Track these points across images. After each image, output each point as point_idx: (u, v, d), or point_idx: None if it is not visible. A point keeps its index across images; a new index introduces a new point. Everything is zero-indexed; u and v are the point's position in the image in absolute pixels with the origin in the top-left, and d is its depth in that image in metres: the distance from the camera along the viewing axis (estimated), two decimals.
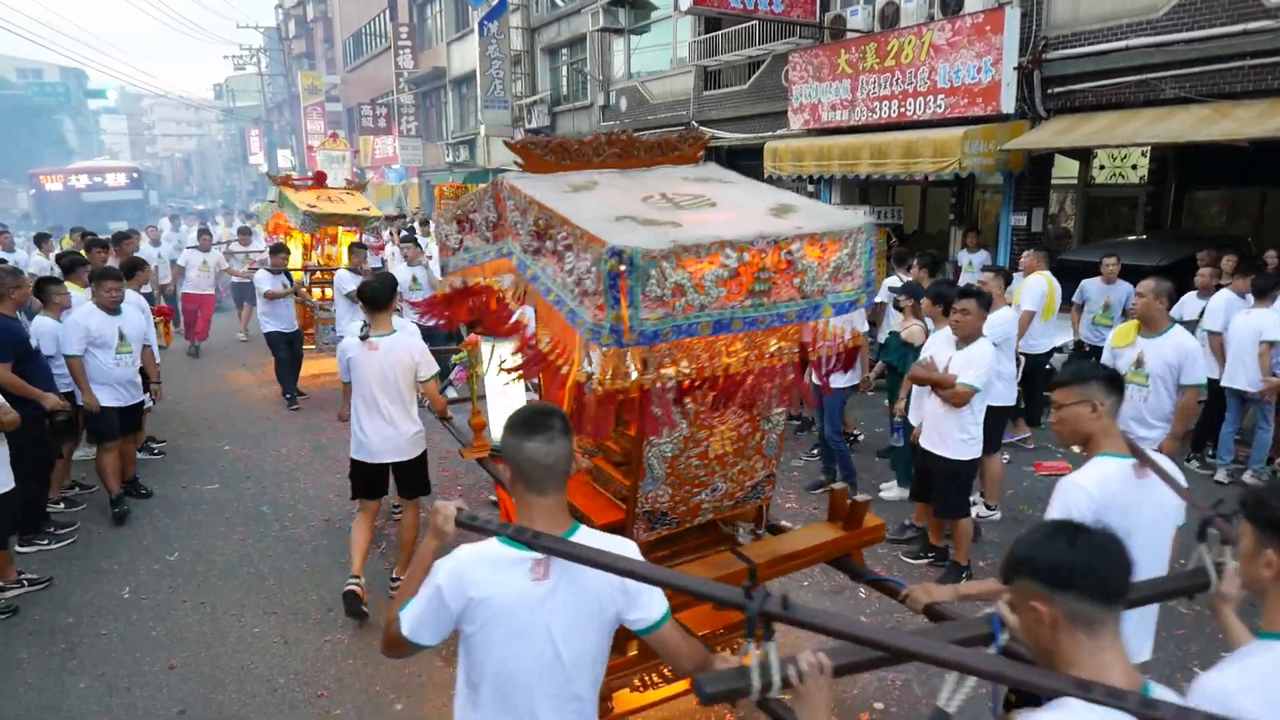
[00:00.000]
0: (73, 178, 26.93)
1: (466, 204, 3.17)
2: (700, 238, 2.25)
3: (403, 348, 4.65)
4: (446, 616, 1.90)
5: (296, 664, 4.26)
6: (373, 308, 4.66)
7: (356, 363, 4.63)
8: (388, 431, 4.68)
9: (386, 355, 4.61)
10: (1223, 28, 8.12)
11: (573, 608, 1.90)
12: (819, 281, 2.48)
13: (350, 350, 4.67)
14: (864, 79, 11.30)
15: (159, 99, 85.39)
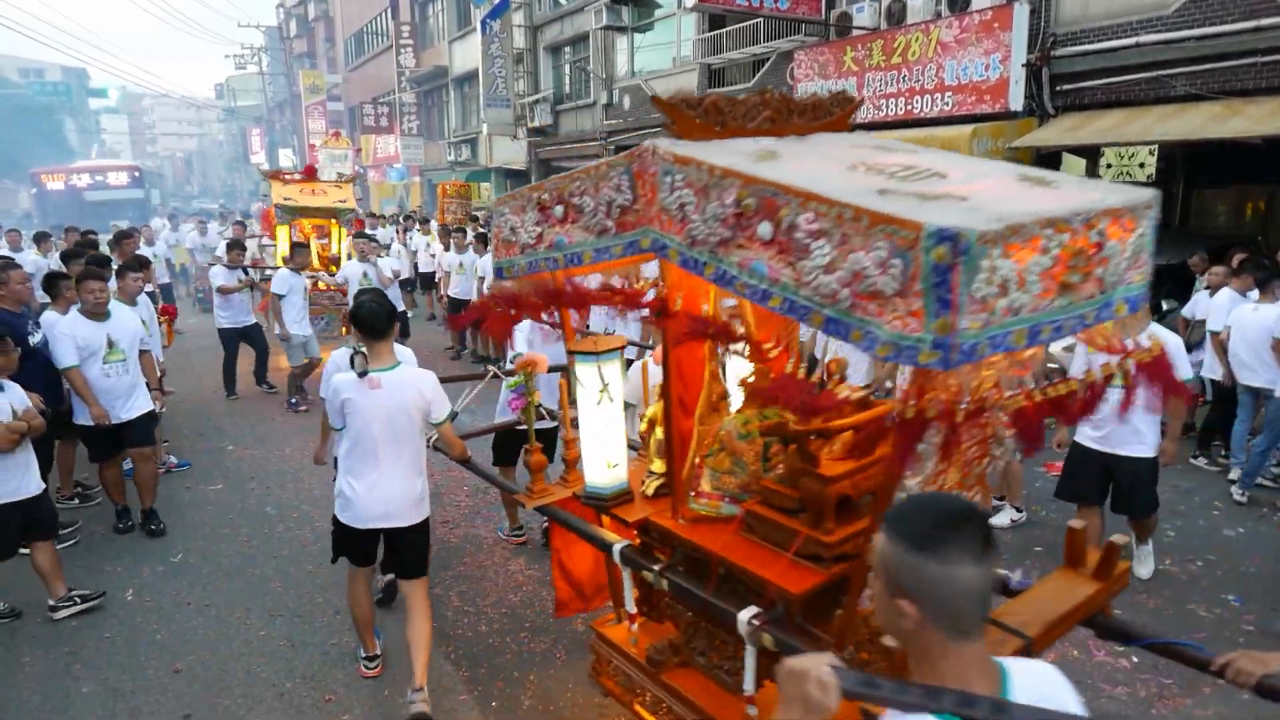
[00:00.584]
0: (74, 177, 26.86)
1: (560, 186, 2.56)
2: (1022, 215, 1.66)
3: (411, 385, 3.74)
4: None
5: (303, 667, 4.20)
6: (371, 335, 3.71)
7: (355, 406, 3.66)
8: (387, 490, 3.73)
9: (392, 395, 3.68)
10: (1234, 24, 8.06)
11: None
12: (1118, 270, 1.92)
13: (345, 390, 3.67)
14: (870, 77, 11.24)
15: (160, 98, 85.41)
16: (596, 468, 3.04)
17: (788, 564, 2.36)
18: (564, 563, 3.71)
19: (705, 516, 2.71)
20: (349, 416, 3.70)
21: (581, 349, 2.98)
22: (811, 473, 2.36)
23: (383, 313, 3.75)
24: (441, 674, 4.12)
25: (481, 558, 5.42)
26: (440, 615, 4.68)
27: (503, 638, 4.45)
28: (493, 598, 4.88)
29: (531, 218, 2.71)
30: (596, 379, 2.96)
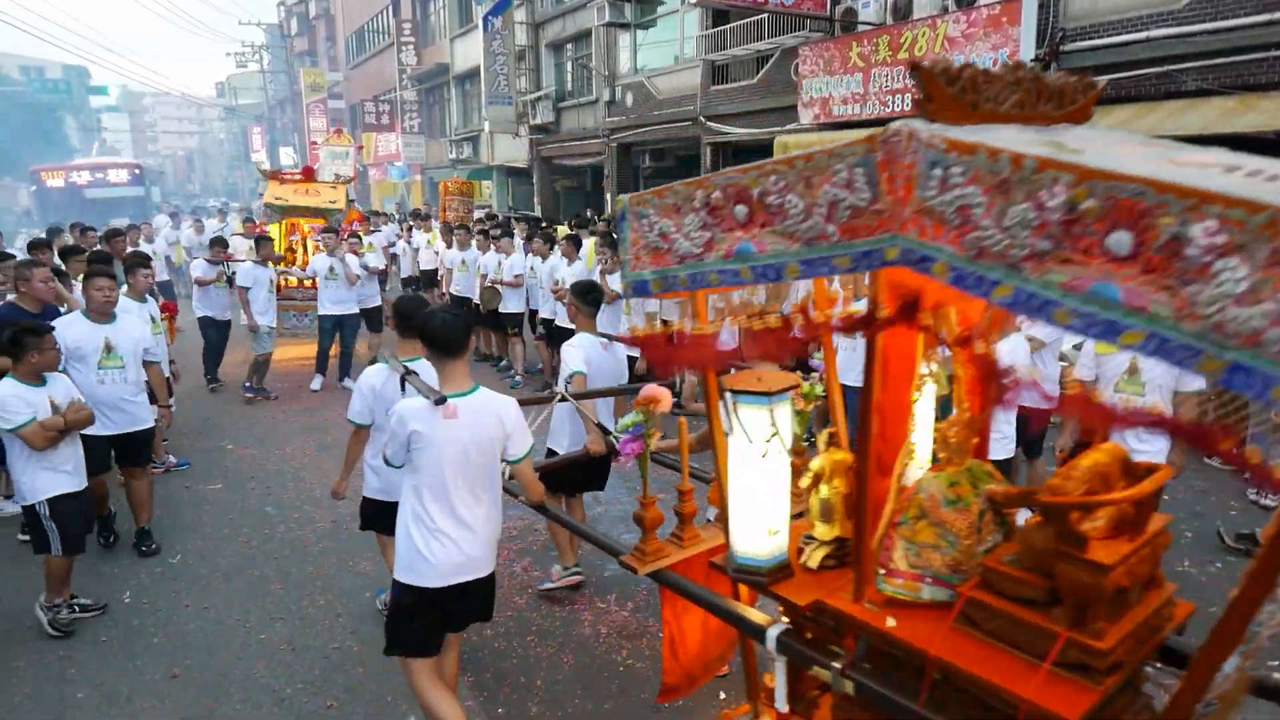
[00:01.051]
0: (74, 174, 26.78)
1: (740, 181, 2.00)
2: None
3: (491, 413, 3.15)
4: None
5: (304, 672, 4.10)
6: (444, 353, 3.14)
7: (427, 440, 3.02)
8: (467, 540, 3.13)
9: (471, 427, 3.08)
10: (1247, 18, 7.94)
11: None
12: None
13: (414, 420, 3.02)
14: (876, 73, 11.12)
15: (161, 96, 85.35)
16: (752, 534, 2.36)
17: (1044, 675, 1.80)
18: (675, 639, 3.03)
19: (900, 601, 2.11)
20: (417, 452, 3.05)
21: (745, 386, 2.26)
22: (1078, 558, 1.81)
23: (458, 327, 3.14)
24: None
25: None
26: None
27: (508, 642, 4.35)
28: (498, 600, 4.77)
29: (694, 221, 2.13)
30: (765, 425, 2.26)
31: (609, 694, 3.88)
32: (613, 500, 6.25)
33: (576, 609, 4.67)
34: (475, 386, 3.19)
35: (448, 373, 3.16)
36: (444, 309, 3.30)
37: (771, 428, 2.28)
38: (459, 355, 3.16)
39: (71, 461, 4.47)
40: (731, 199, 2.03)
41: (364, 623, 4.56)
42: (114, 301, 5.26)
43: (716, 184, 2.06)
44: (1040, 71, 1.93)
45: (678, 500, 2.98)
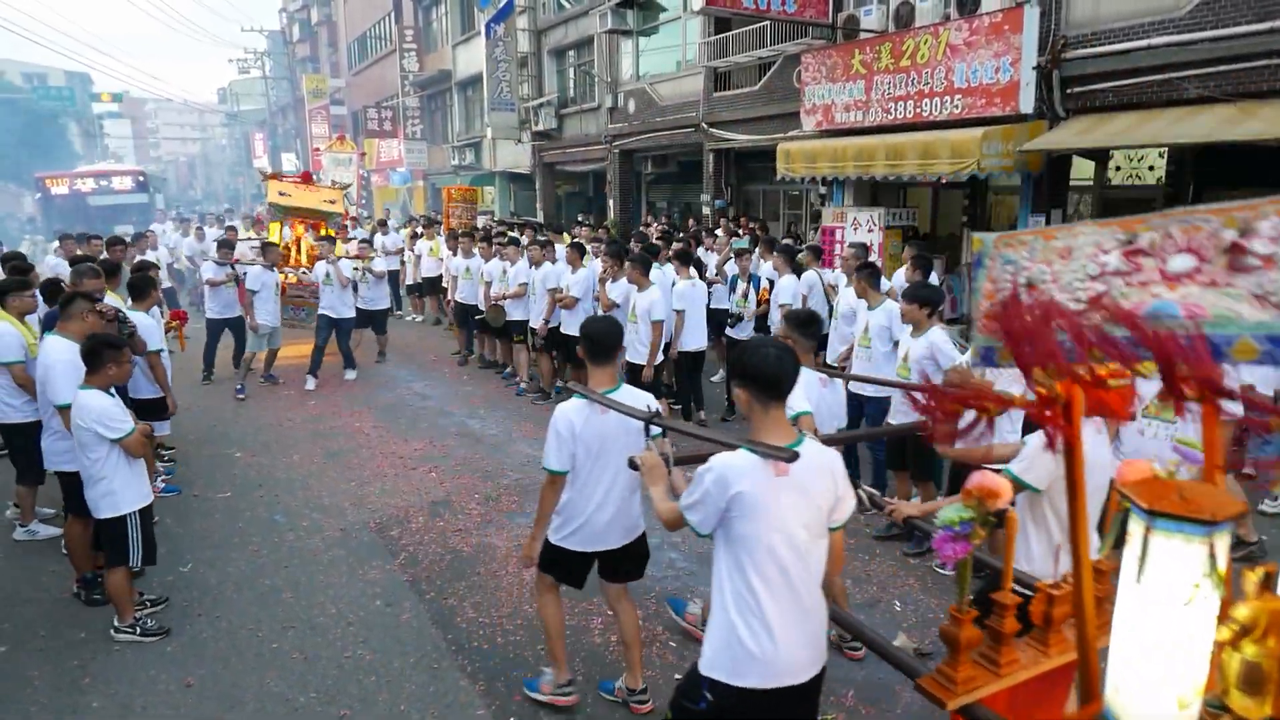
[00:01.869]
0: (79, 182, 26.83)
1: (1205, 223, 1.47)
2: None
3: (825, 469, 2.55)
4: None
5: (317, 681, 4.13)
6: (773, 395, 2.54)
7: (755, 505, 2.43)
8: (803, 629, 2.54)
9: (805, 487, 2.49)
10: (1248, 26, 7.97)
11: None
12: None
13: (739, 479, 2.43)
14: (879, 79, 11.17)
15: (163, 103, 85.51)
16: (1151, 703, 1.60)
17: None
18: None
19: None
20: (740, 520, 2.45)
21: (1168, 508, 1.47)
22: None
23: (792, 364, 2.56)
24: (458, 689, 4.05)
25: (495, 567, 5.35)
26: (455, 627, 4.62)
27: (520, 650, 4.38)
28: (508, 608, 4.82)
29: (1084, 268, 1.63)
30: (1195, 562, 1.49)
31: (619, 702, 3.91)
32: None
33: (587, 617, 4.70)
34: (803, 435, 2.58)
35: (773, 420, 2.53)
36: (772, 341, 2.67)
37: (1205, 565, 1.57)
38: (785, 399, 2.57)
39: (145, 472, 4.59)
40: (1179, 245, 1.50)
41: (375, 632, 4.59)
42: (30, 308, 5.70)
43: (1159, 225, 1.54)
44: None
45: (995, 612, 2.26)
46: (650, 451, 2.95)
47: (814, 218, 14.50)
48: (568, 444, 3.50)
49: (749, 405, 2.55)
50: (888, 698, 3.94)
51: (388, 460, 7.52)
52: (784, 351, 2.56)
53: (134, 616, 4.58)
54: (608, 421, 3.48)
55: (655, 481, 2.84)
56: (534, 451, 7.68)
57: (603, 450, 3.53)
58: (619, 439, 3.52)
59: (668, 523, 2.72)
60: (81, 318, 4.93)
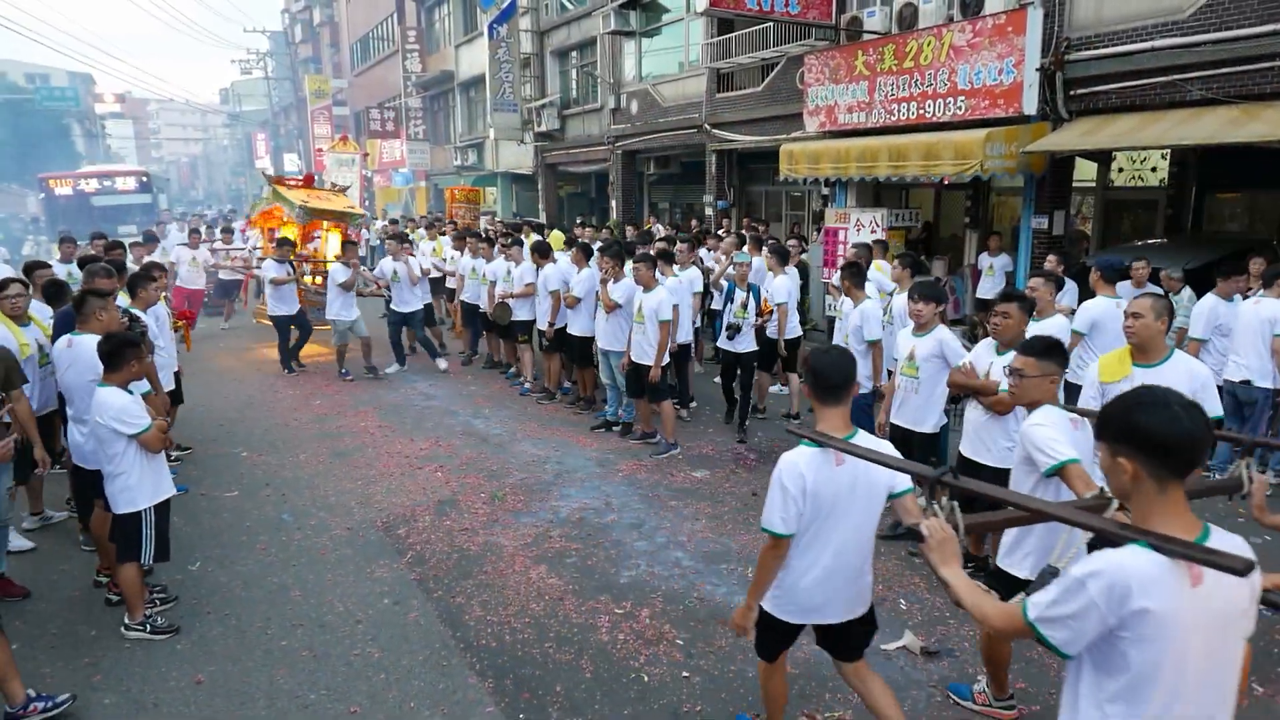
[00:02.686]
0: (82, 182, 26.87)
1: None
2: None
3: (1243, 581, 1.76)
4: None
5: (327, 678, 4.16)
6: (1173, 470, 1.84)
7: (1164, 626, 1.76)
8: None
9: (1225, 595, 1.81)
10: (1251, 28, 8.00)
11: None
12: None
13: (1146, 594, 1.75)
14: (882, 81, 11.20)
15: (165, 103, 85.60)
16: None
17: None
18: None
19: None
20: (1140, 645, 1.79)
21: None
22: None
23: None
24: (467, 686, 4.08)
25: (502, 566, 5.38)
26: (463, 625, 4.65)
27: (528, 649, 4.41)
28: (515, 607, 4.84)
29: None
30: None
31: (627, 700, 3.94)
32: (624, 508, 6.31)
33: (594, 616, 4.73)
34: (1208, 525, 1.87)
35: (1171, 503, 1.85)
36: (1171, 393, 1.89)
37: None
38: (1189, 472, 1.86)
39: (164, 467, 4.65)
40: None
41: (383, 630, 4.62)
42: (21, 308, 5.66)
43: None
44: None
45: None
46: (938, 519, 2.17)
47: (816, 219, 14.53)
48: (796, 502, 2.92)
49: (1136, 481, 1.86)
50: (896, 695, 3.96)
51: (394, 459, 7.55)
52: (1192, 407, 1.85)
53: (144, 614, 4.61)
54: (842, 475, 2.91)
55: (947, 561, 2.14)
56: (539, 451, 7.71)
57: (834, 510, 2.95)
58: (857, 498, 2.96)
59: (1000, 630, 2.07)
60: (96, 316, 4.96)
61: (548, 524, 6.04)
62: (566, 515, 6.18)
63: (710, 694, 3.96)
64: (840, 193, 13.01)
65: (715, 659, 4.27)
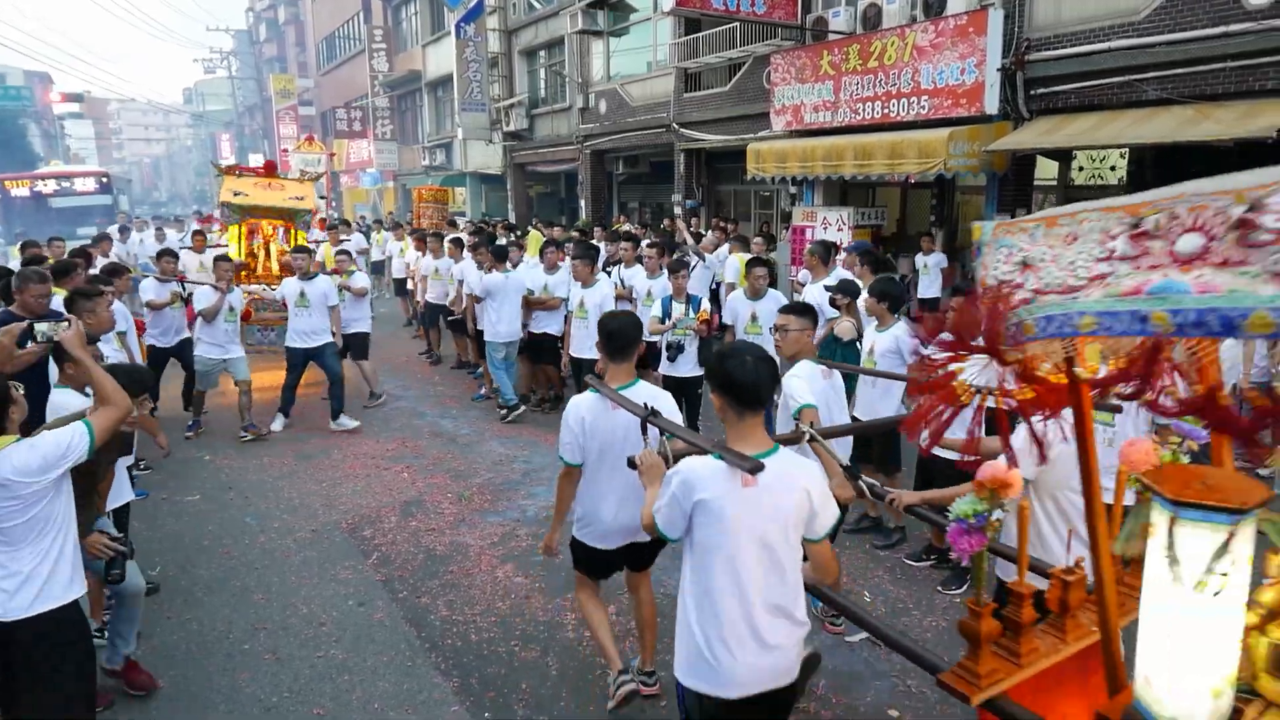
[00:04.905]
0: (40, 183, 26.32)
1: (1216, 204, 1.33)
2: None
3: (798, 483, 2.52)
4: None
5: (290, 681, 4.12)
6: (748, 405, 2.53)
7: (716, 513, 2.46)
8: (769, 638, 2.53)
9: (774, 499, 2.49)
10: (1204, 30, 8.18)
11: None
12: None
13: (703, 486, 2.47)
14: (847, 80, 11.30)
15: (127, 103, 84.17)
16: (1182, 696, 1.59)
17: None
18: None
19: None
20: (704, 528, 2.49)
21: (1193, 496, 1.48)
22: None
23: (770, 374, 2.57)
24: (432, 685, 4.06)
25: (468, 565, 5.35)
26: (428, 625, 4.63)
27: (493, 647, 4.39)
28: (481, 606, 4.83)
29: (1090, 250, 1.55)
30: (1216, 549, 1.48)
31: (593, 696, 3.94)
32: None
33: (561, 613, 4.72)
34: (776, 446, 2.57)
35: (747, 428, 2.54)
36: (750, 345, 2.63)
37: (1229, 555, 1.52)
38: (763, 408, 2.58)
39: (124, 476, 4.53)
40: (1185, 225, 1.43)
41: (348, 631, 4.58)
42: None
43: (1165, 206, 1.46)
44: None
45: (1011, 602, 2.17)
46: (649, 450, 2.91)
47: (785, 218, 14.62)
48: (578, 437, 3.52)
49: (724, 412, 2.56)
50: (858, 686, 4.01)
51: (360, 461, 7.48)
52: (762, 359, 2.53)
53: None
54: (617, 418, 3.46)
55: (651, 482, 2.79)
56: (506, 450, 7.68)
57: (612, 446, 3.50)
58: (630, 437, 3.40)
59: (644, 525, 2.72)
60: (84, 318, 4.77)
61: (515, 523, 6.03)
62: (534, 514, 6.16)
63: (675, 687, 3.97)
64: (807, 191, 13.11)
65: None
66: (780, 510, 2.49)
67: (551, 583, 5.07)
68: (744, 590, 2.49)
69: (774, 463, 2.49)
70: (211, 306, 7.88)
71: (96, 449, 3.02)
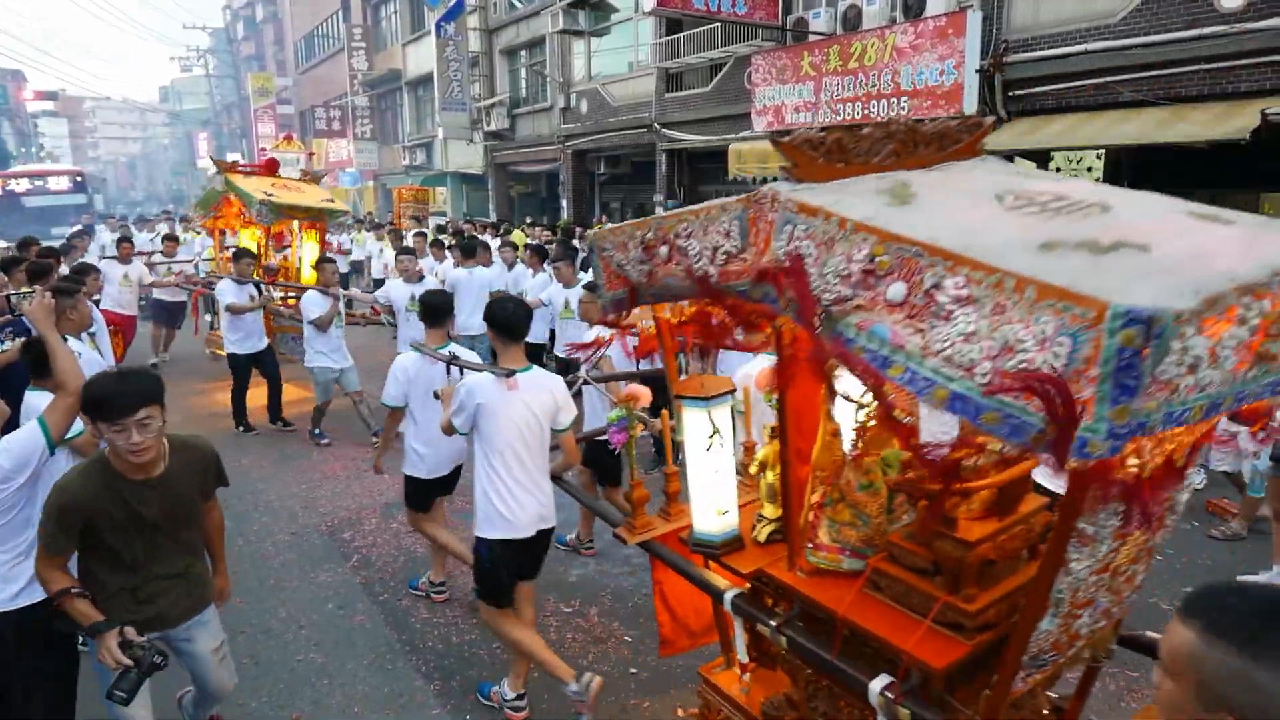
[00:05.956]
0: (12, 182, 25.96)
1: (666, 225, 2.31)
2: (1218, 281, 1.41)
3: (545, 387, 3.68)
4: None
5: (269, 685, 4.08)
6: (508, 336, 3.66)
7: (490, 410, 3.55)
8: (537, 495, 3.68)
9: (530, 396, 3.61)
10: (1178, 32, 8.30)
11: None
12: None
13: (480, 393, 3.57)
14: (827, 81, 11.36)
15: (101, 101, 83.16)
16: (705, 515, 2.81)
17: (925, 631, 2.14)
18: (666, 595, 3.46)
19: (824, 570, 2.48)
20: (484, 420, 3.58)
21: (688, 392, 2.68)
22: (949, 536, 2.14)
23: (522, 315, 3.71)
24: (413, 689, 4.04)
25: (450, 567, 5.32)
26: (409, 628, 4.60)
27: (475, 649, 4.38)
28: (462, 608, 4.81)
29: (635, 255, 2.44)
30: (706, 424, 2.70)
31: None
32: (573, 505, 6.28)
33: (543, 614, 4.71)
34: (530, 365, 3.71)
35: (510, 354, 3.68)
36: (510, 298, 3.98)
37: (712, 426, 2.70)
38: (520, 339, 3.68)
39: None
40: (658, 240, 2.33)
41: (327, 634, 4.55)
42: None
43: (651, 226, 2.35)
44: (914, 125, 2.18)
45: (665, 482, 3.16)
46: (448, 385, 4.03)
47: None
48: (401, 385, 4.62)
49: (495, 342, 3.71)
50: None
51: (341, 462, 7.43)
52: (515, 307, 3.78)
53: None
54: (437, 369, 4.32)
55: (447, 404, 3.80)
56: None
57: (430, 398, 4.27)
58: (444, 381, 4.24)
59: (443, 428, 3.81)
60: (67, 316, 4.69)
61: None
62: None
63: (657, 690, 3.98)
64: None
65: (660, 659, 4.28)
66: (532, 406, 3.61)
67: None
68: (518, 461, 3.61)
69: (527, 375, 3.63)
70: (326, 315, 7.47)
71: (56, 443, 3.00)
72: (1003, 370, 1.46)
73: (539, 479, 3.69)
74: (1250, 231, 1.71)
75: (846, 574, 2.42)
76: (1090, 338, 1.35)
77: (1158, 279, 1.40)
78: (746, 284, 2.04)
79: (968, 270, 1.53)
